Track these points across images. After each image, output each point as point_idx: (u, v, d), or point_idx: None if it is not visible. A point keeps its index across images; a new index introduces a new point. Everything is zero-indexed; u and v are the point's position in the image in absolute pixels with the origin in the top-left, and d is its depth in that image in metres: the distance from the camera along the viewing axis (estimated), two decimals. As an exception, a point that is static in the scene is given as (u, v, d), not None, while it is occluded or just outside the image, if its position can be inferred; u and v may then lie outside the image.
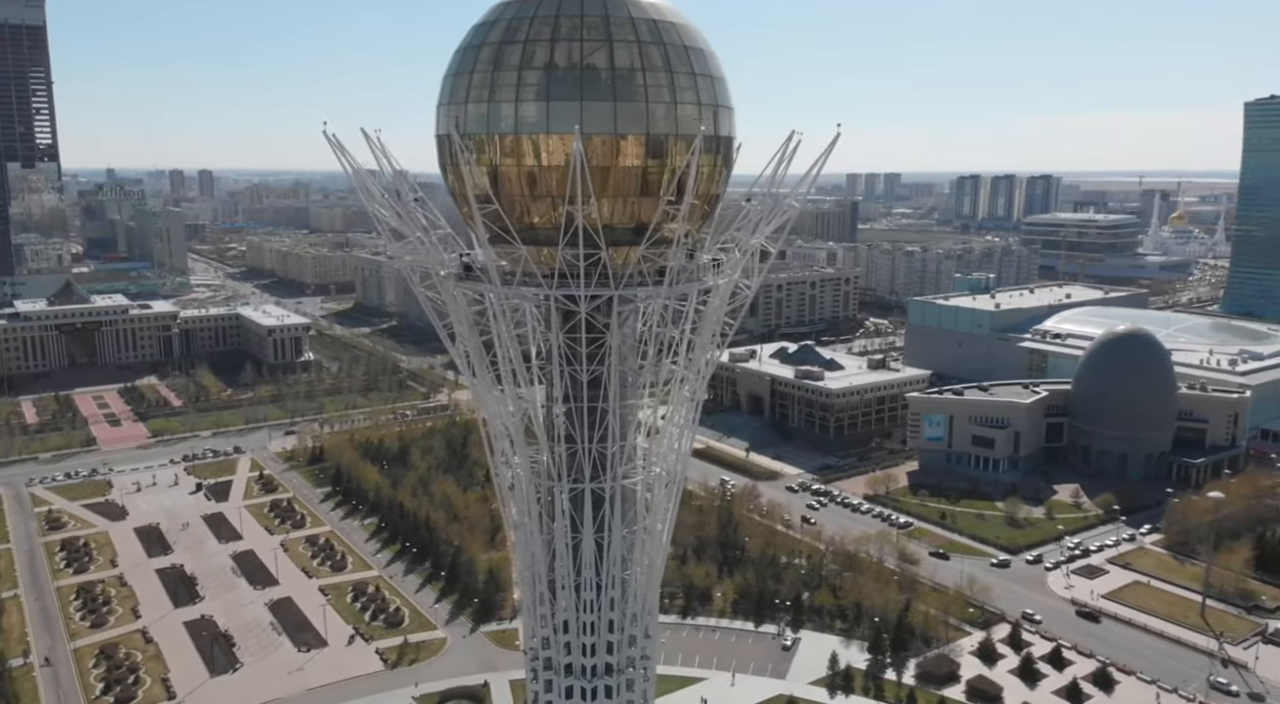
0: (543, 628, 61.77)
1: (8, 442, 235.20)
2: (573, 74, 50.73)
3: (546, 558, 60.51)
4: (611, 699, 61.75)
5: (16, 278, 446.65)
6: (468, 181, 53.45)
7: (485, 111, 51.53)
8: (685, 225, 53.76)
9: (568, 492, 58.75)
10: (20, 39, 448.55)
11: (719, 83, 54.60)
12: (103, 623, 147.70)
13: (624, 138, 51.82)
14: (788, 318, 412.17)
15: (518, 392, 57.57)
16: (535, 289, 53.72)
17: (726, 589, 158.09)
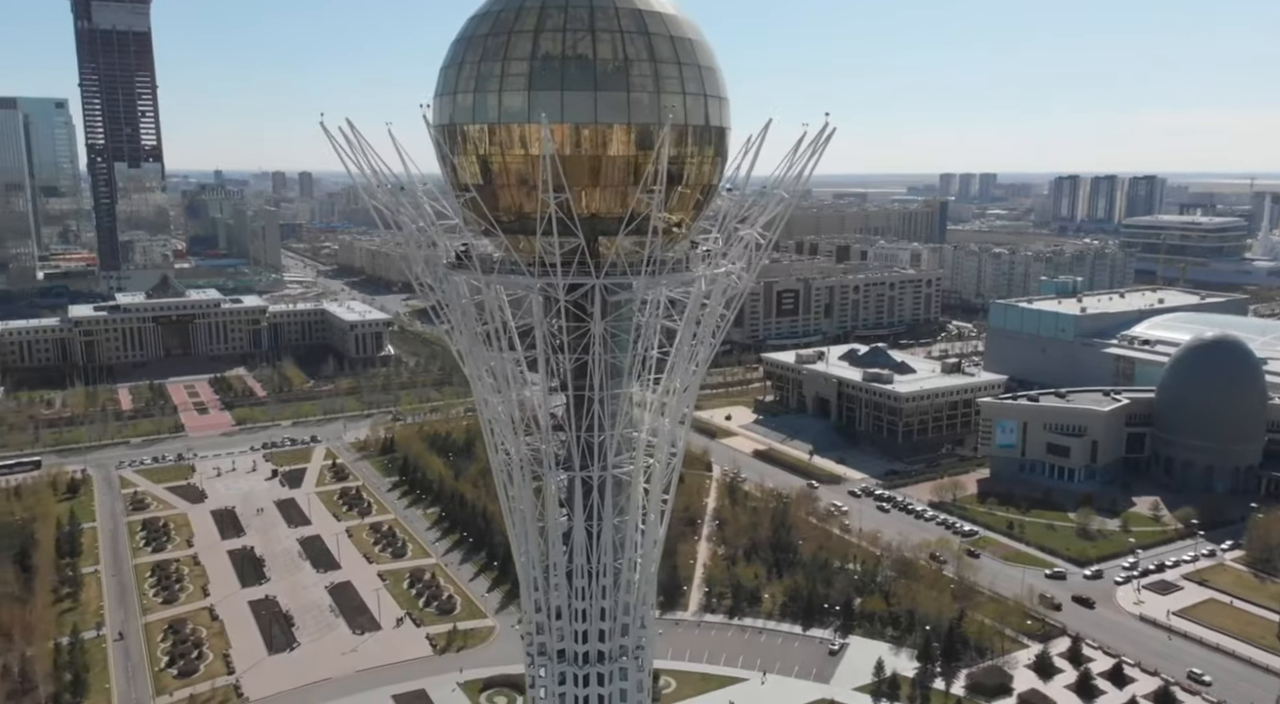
0: (537, 613, 62.61)
1: (102, 426, 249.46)
2: (555, 64, 51.31)
3: (540, 545, 61.31)
4: (604, 686, 62.14)
5: (122, 272, 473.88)
6: (460, 172, 54.68)
7: (473, 102, 52.58)
8: (666, 215, 53.68)
9: (560, 480, 59.43)
10: (127, 45, 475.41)
11: (708, 72, 54.44)
12: (174, 599, 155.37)
13: (609, 127, 52.16)
14: (865, 320, 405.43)
15: (510, 380, 58.47)
16: (518, 278, 54.56)
17: (776, 591, 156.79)
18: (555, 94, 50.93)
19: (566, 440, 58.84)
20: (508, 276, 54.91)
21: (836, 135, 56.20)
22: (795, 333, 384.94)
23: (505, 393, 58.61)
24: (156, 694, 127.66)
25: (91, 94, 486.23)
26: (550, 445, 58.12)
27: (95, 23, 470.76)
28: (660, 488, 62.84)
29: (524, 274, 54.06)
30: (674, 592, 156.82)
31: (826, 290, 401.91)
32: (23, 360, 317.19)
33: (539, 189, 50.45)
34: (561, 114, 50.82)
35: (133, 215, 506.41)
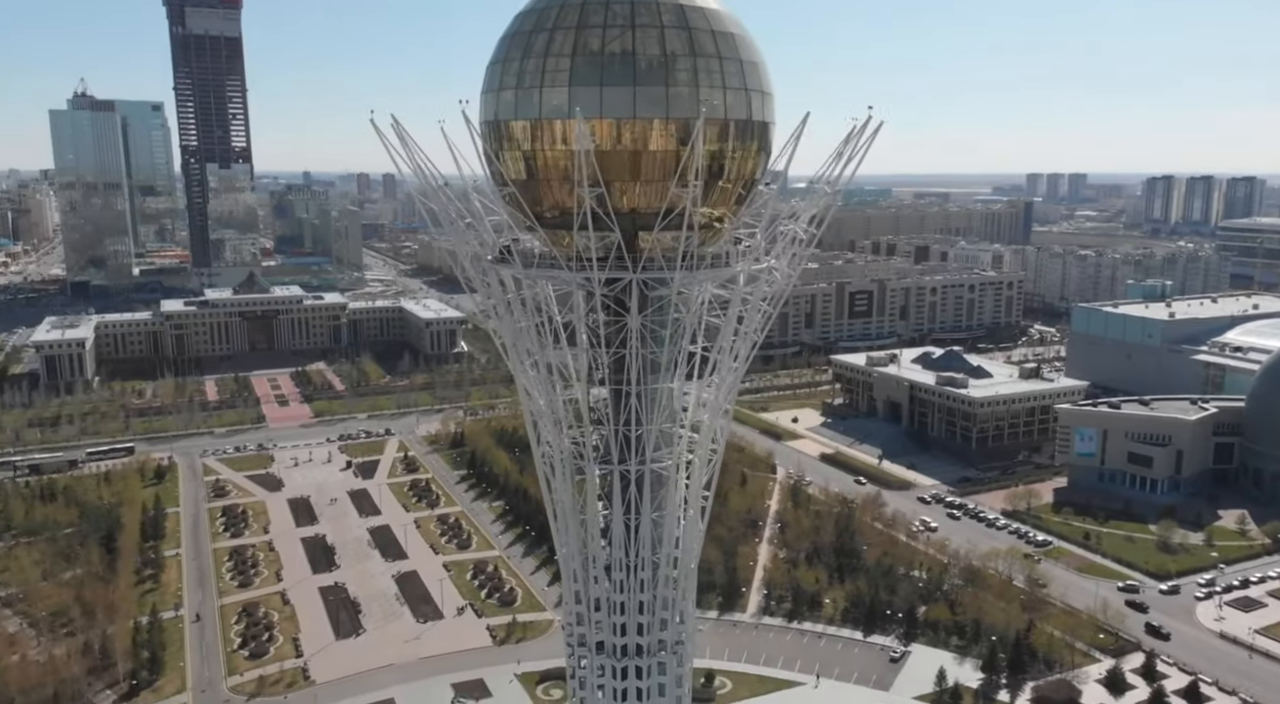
0: (577, 605, 63.14)
1: (189, 416, 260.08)
2: (596, 60, 51.69)
3: (580, 537, 61.81)
4: (642, 680, 62.31)
5: (212, 269, 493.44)
6: (505, 168, 55.54)
7: (515, 98, 53.36)
8: (707, 211, 53.67)
9: (599, 473, 59.85)
10: (219, 49, 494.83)
11: (751, 67, 54.18)
12: (249, 583, 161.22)
13: (649, 122, 52.31)
14: (942, 322, 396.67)
15: (553, 374, 59.12)
16: (556, 272, 55.15)
17: (837, 596, 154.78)
18: (595, 90, 51.38)
19: (606, 434, 59.21)
20: (547, 271, 55.55)
21: (917, 135, 55.96)
22: (868, 335, 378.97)
23: (547, 386, 59.22)
24: (228, 674, 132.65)
25: (185, 97, 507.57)
26: (589, 438, 58.55)
27: (189, 28, 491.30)
28: (701, 483, 62.74)
29: (563, 268, 54.58)
30: (733, 593, 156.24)
31: (902, 292, 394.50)
32: (117, 352, 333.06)
33: (575, 185, 50.87)
34: (600, 109, 51.19)
35: (223, 214, 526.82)
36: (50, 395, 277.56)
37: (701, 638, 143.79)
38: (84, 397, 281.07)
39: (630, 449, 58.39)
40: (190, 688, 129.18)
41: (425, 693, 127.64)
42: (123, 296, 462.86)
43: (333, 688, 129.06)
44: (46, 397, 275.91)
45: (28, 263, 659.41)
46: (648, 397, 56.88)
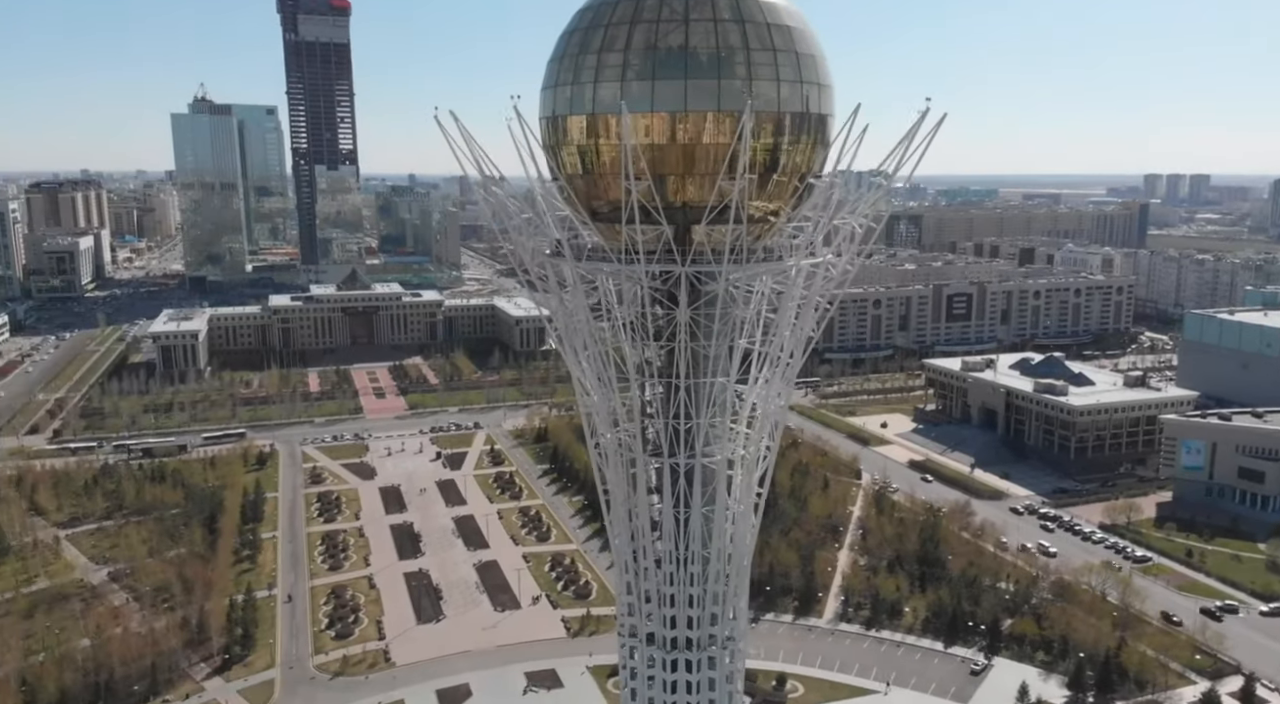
0: (628, 595, 63.63)
1: (291, 406, 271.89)
2: (649, 54, 52.03)
3: (631, 529, 62.27)
4: (691, 673, 62.36)
5: (319, 267, 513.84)
6: (563, 163, 56.49)
7: (571, 94, 54.16)
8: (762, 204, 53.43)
9: (651, 465, 60.21)
10: (329, 55, 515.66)
11: (808, 59, 53.66)
12: (338, 567, 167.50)
13: (702, 116, 52.38)
14: (1046, 327, 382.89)
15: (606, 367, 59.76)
16: (606, 265, 55.71)
17: (918, 605, 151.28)
18: (647, 84, 51.74)
19: (657, 428, 59.52)
20: (597, 264, 56.20)
21: (1027, 133, 54.38)
22: (967, 339, 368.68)
23: (600, 379, 59.92)
24: (315, 653, 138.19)
25: (296, 101, 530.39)
26: (639, 431, 58.97)
27: (301, 35, 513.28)
28: (755, 479, 62.38)
29: (613, 261, 55.14)
30: (809, 598, 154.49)
31: (1003, 295, 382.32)
32: (228, 343, 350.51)
33: (622, 178, 51.38)
34: (652, 103, 51.50)
35: (331, 214, 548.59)
36: (165, 383, 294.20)
37: (775, 641, 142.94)
38: (196, 385, 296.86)
39: (680, 443, 58.54)
40: (279, 664, 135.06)
41: (499, 680, 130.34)
42: (236, 291, 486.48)
43: (411, 670, 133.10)
44: (161, 385, 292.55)
45: (151, 258, 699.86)
46: (697, 391, 56.90)
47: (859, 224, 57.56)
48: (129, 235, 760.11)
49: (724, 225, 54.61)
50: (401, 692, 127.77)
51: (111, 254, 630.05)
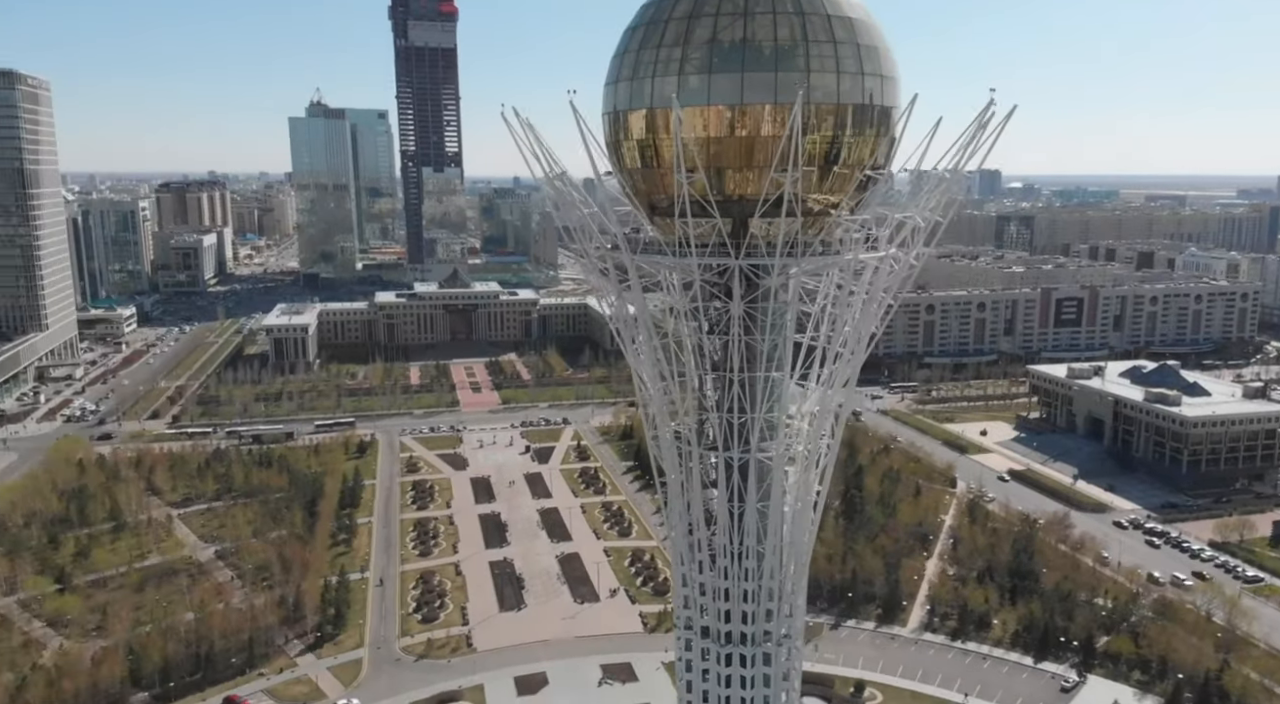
0: (684, 588, 63.94)
1: (392, 398, 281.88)
2: (706, 48, 52.25)
3: (688, 522, 62.53)
4: (745, 668, 62.18)
5: (425, 266, 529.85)
6: (624, 157, 57.23)
7: (630, 89, 54.79)
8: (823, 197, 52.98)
9: (705, 459, 60.34)
10: (436, 60, 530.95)
11: (870, 50, 52.99)
12: (428, 553, 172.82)
13: (760, 108, 52.28)
14: (1162, 335, 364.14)
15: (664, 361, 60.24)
16: (660, 258, 56.13)
17: (1007, 618, 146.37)
18: (705, 77, 51.99)
19: (714, 422, 59.64)
20: (651, 257, 56.69)
21: (1154, 132, 52.98)
22: (1076, 345, 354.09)
23: (657, 373, 60.42)
24: (401, 635, 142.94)
25: (405, 105, 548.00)
26: (692, 425, 59.22)
27: (410, 40, 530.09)
28: (813, 476, 61.79)
29: (666, 254, 55.55)
30: (893, 606, 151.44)
31: (1117, 300, 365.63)
32: (336, 337, 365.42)
33: (675, 171, 51.74)
34: (709, 97, 51.70)
35: (436, 215, 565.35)
36: (276, 374, 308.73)
37: (855, 648, 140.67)
38: (304, 376, 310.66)
39: (735, 437, 58.52)
40: (367, 644, 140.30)
41: (575, 670, 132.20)
42: (346, 288, 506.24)
43: (492, 656, 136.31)
44: (273, 375, 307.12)
45: (269, 255, 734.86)
46: (752, 385, 56.76)
47: (922, 219, 56.38)
48: (250, 234, 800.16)
49: (776, 219, 54.41)
50: (481, 676, 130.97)
51: (233, 251, 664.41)
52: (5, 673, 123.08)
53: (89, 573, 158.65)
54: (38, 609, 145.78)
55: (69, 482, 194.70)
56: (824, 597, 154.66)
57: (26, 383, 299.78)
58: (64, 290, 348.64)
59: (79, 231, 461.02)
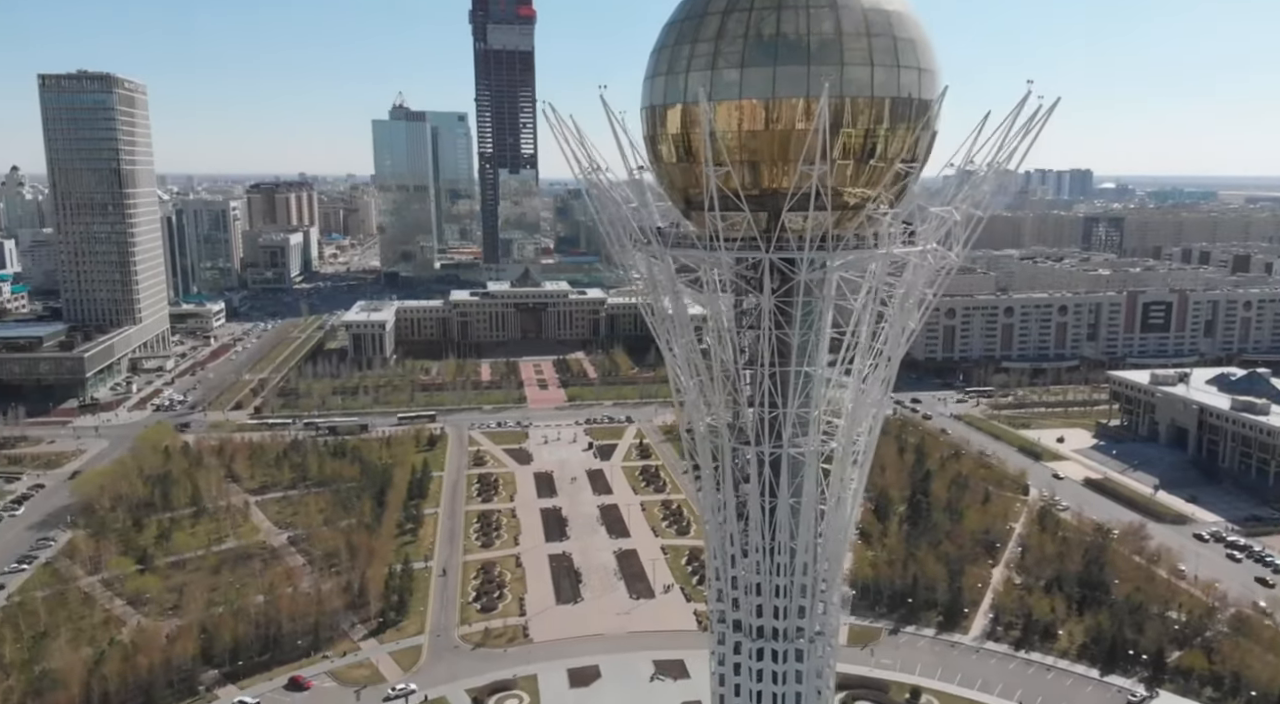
0: (717, 581, 64.13)
1: (463, 393, 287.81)
2: (741, 43, 52.37)
3: (721, 516, 62.71)
4: (777, 664, 62.05)
5: (499, 265, 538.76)
6: (662, 152, 57.81)
7: (665, 85, 55.28)
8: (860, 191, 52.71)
9: (739, 453, 60.43)
10: (514, 63, 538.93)
11: (906, 43, 52.48)
12: (490, 544, 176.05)
13: (792, 102, 52.25)
14: (1256, 342, 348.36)
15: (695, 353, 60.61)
16: (691, 251, 56.48)
17: (1074, 629, 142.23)
18: (737, 72, 52.15)
19: (746, 416, 59.74)
20: (682, 250, 57.09)
21: (1258, 132, 51.56)
22: (1164, 351, 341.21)
23: (691, 367, 60.81)
24: (460, 623, 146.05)
25: (484, 108, 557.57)
26: (726, 418, 59.43)
27: (489, 44, 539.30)
28: (850, 472, 61.35)
29: (695, 248, 55.90)
30: (955, 613, 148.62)
31: (1208, 305, 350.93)
32: (412, 334, 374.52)
33: (704, 164, 52.06)
34: (740, 91, 51.86)
35: (512, 217, 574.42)
36: (354, 368, 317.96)
37: (914, 654, 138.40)
38: (381, 371, 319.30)
39: (766, 432, 58.50)
40: (427, 631, 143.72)
41: (628, 665, 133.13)
42: (424, 287, 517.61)
43: (547, 647, 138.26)
44: (351, 369, 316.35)
45: (353, 254, 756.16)
46: (783, 380, 56.69)
47: (960, 214, 55.54)
48: (335, 233, 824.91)
49: (818, 212, 54.27)
50: (536, 667, 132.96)
51: (318, 250, 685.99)
52: (85, 647, 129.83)
53: (169, 555, 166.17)
54: (119, 588, 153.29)
55: (155, 468, 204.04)
56: (883, 602, 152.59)
57: (120, 373, 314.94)
58: (157, 286, 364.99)
59: (173, 230, 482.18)
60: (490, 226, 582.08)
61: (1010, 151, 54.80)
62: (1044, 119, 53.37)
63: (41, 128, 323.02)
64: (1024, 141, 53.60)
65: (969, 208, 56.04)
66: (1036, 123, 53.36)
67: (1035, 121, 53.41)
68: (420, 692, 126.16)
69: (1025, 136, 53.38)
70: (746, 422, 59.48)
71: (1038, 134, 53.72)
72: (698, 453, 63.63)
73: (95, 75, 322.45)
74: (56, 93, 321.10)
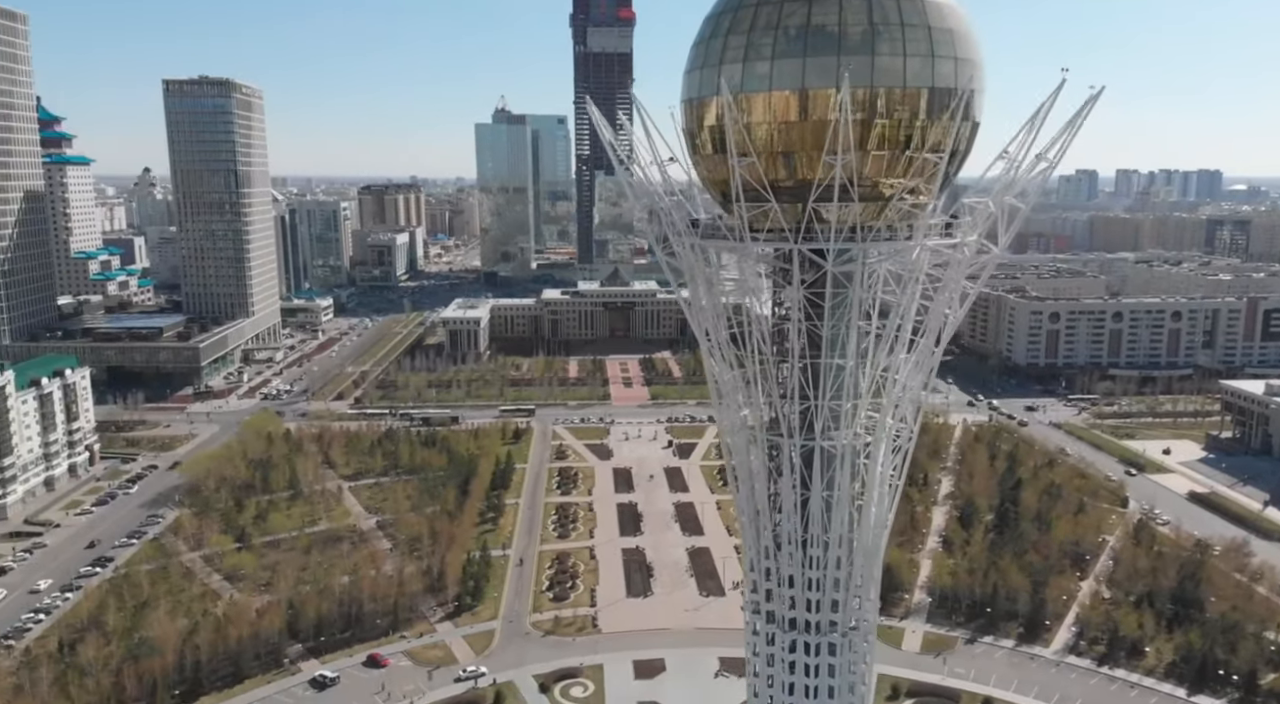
0: (752, 572, 64.43)
1: (550, 389, 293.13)
2: (773, 34, 52.63)
3: (754, 507, 63.03)
4: (810, 656, 61.96)
5: (593, 266, 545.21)
6: (700, 145, 58.69)
7: (702, 78, 56.04)
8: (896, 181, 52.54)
9: (774, 446, 60.68)
10: (612, 65, 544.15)
11: (943, 33, 51.94)
12: (566, 536, 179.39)
13: (824, 93, 52.23)
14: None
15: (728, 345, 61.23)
16: (718, 242, 57.05)
17: (1163, 647, 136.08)
18: (767, 63, 52.55)
19: (779, 408, 59.96)
20: (712, 240, 57.77)
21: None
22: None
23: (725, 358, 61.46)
24: (533, 611, 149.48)
25: (582, 110, 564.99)
26: (759, 410, 59.83)
27: (589, 47, 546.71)
28: (887, 467, 60.90)
29: (726, 238, 56.51)
30: (1036, 625, 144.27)
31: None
32: (506, 331, 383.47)
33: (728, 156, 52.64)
34: (771, 82, 52.23)
35: (608, 218, 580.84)
36: (449, 363, 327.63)
37: (989, 665, 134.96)
38: (474, 366, 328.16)
39: (799, 424, 58.63)
40: (500, 617, 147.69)
41: (694, 660, 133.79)
42: (521, 286, 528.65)
43: (614, 639, 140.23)
44: (446, 364, 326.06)
45: (456, 254, 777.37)
46: (815, 372, 56.76)
47: (997, 207, 54.60)
48: (440, 234, 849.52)
49: (846, 204, 54.31)
50: (602, 657, 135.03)
51: (424, 249, 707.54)
52: (182, 619, 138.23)
53: (265, 534, 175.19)
54: (218, 564, 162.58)
55: (258, 453, 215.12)
56: (962, 611, 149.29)
57: (233, 363, 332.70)
58: (269, 281, 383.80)
59: (286, 229, 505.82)
60: (584, 227, 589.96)
61: (1055, 145, 53.61)
62: (1087, 110, 52.17)
63: (165, 131, 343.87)
64: (1066, 134, 52.38)
65: (1011, 200, 54.97)
66: (1081, 115, 52.17)
67: (1081, 114, 52.24)
68: (489, 675, 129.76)
69: (1069, 130, 52.19)
70: (779, 414, 59.70)
71: (1080, 126, 52.47)
72: (732, 446, 64.14)
73: (215, 80, 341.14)
74: (179, 97, 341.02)
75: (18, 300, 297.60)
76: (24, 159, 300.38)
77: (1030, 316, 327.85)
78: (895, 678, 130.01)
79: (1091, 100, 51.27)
